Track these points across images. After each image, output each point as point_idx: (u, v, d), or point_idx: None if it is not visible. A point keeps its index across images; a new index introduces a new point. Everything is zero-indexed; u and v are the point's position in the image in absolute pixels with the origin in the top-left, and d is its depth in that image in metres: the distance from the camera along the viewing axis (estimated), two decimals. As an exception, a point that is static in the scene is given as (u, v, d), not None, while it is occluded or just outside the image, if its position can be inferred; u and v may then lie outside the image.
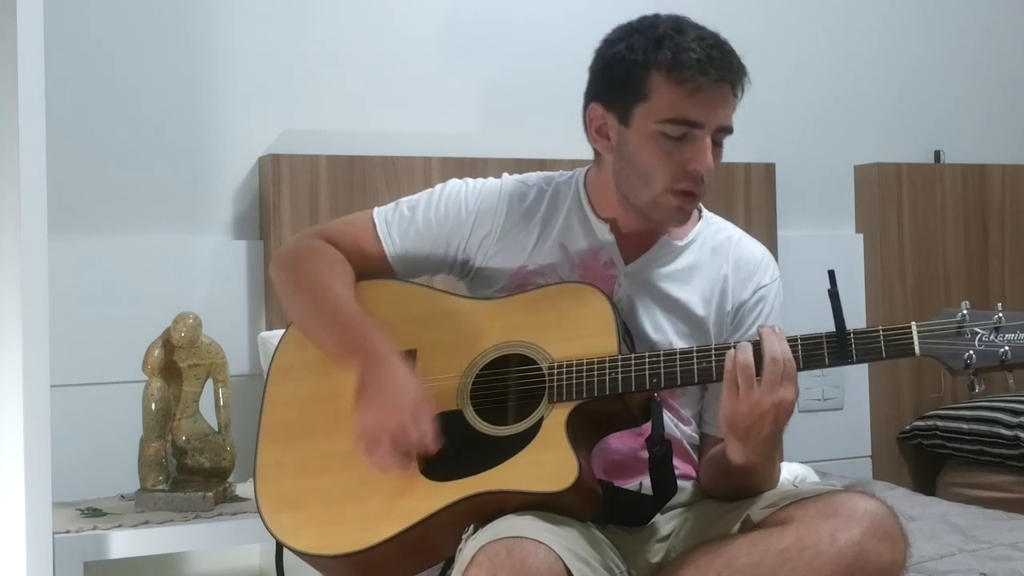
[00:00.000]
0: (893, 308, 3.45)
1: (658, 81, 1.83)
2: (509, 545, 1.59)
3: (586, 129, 1.95)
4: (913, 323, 1.70)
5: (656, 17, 1.90)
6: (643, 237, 1.96)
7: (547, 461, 1.73)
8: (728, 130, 1.89)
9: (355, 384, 1.81)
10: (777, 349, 1.70)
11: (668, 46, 1.84)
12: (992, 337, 1.66)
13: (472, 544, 1.64)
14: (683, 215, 1.91)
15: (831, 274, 1.72)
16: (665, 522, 1.91)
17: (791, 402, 1.70)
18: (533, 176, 2.04)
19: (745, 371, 1.69)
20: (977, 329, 1.67)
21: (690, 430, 1.97)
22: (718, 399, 1.91)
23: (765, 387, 1.68)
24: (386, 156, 2.92)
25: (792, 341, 1.73)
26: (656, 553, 1.86)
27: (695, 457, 1.98)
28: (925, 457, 3.45)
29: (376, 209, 2.03)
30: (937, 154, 3.64)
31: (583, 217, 1.97)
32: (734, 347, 1.72)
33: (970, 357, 1.66)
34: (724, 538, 1.72)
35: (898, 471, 3.45)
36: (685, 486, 1.92)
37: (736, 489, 1.85)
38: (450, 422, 1.82)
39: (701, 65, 1.82)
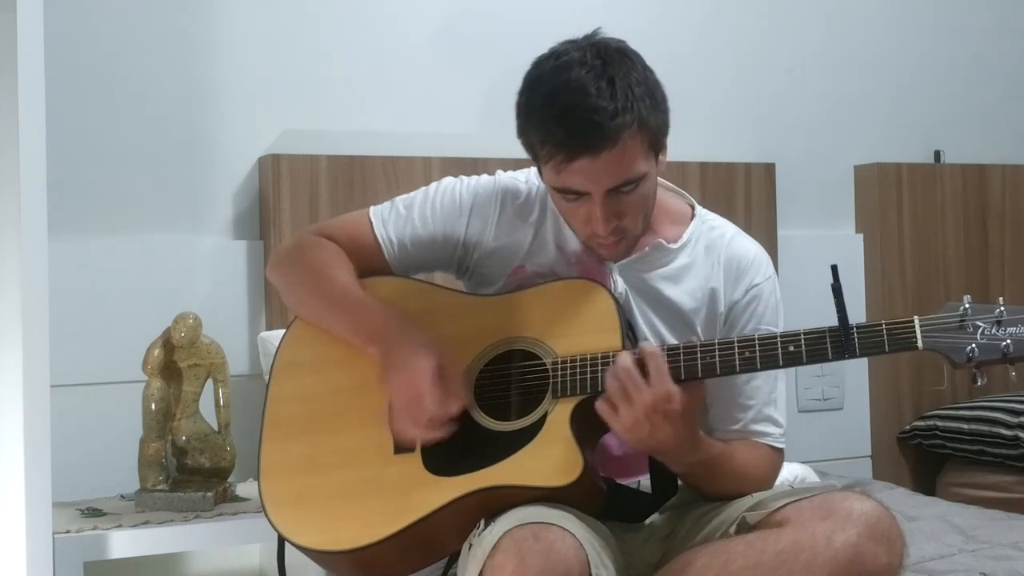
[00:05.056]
0: (893, 308, 3.44)
1: (538, 150, 1.83)
2: (535, 530, 1.60)
3: None
4: (916, 317, 1.70)
5: (545, 67, 1.82)
6: None
7: (552, 456, 1.73)
8: (629, 183, 1.80)
9: (378, 371, 1.83)
10: (613, 371, 1.71)
11: (534, 122, 1.81)
12: (994, 331, 1.67)
13: (494, 531, 1.64)
14: (618, 253, 1.92)
15: (834, 269, 1.72)
16: (662, 521, 1.92)
17: (665, 396, 1.68)
18: (524, 173, 2.04)
19: (614, 386, 1.71)
20: (979, 323, 1.68)
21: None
22: (718, 400, 1.92)
23: (632, 399, 1.70)
24: (386, 156, 2.92)
25: (795, 336, 1.73)
26: (654, 554, 1.86)
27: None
28: (925, 457, 3.45)
29: (372, 208, 2.04)
30: (937, 154, 3.64)
31: None
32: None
33: (972, 351, 1.67)
34: (721, 540, 1.73)
35: (898, 471, 3.45)
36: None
37: (704, 493, 1.90)
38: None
39: (564, 144, 1.76)
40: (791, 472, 2.75)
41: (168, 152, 2.83)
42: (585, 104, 1.75)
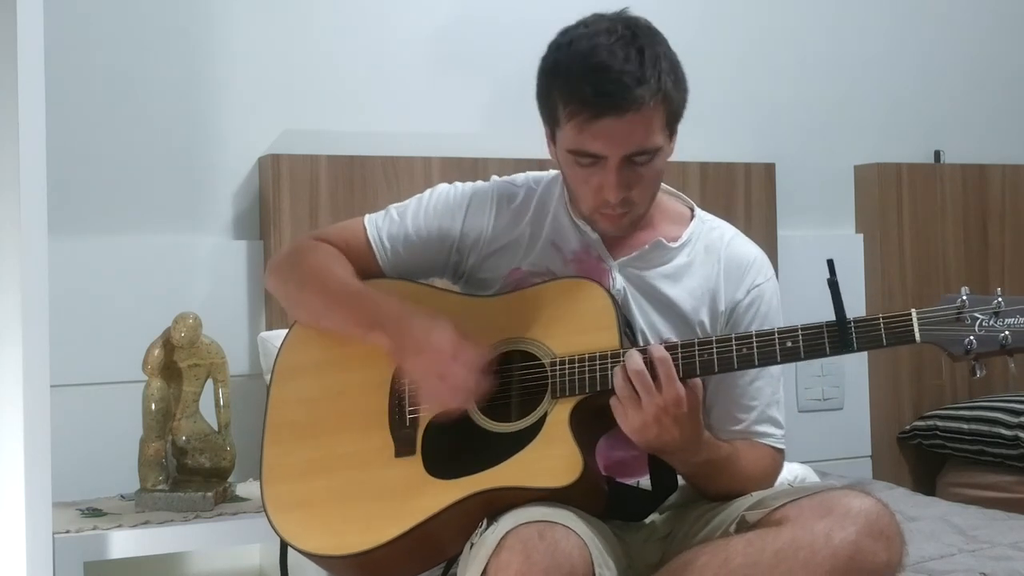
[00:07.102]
0: (893, 308, 3.38)
1: (561, 111, 1.84)
2: (541, 529, 1.61)
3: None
4: (913, 310, 1.70)
5: (575, 32, 1.86)
6: (628, 235, 1.97)
7: (552, 457, 1.74)
8: (645, 152, 1.83)
9: (388, 354, 1.83)
10: (623, 372, 1.71)
11: (560, 79, 1.83)
12: (992, 322, 1.66)
13: (498, 529, 1.64)
14: (622, 227, 1.93)
15: (830, 263, 1.72)
16: (662, 521, 1.92)
17: (675, 401, 1.69)
18: (520, 177, 2.05)
19: (624, 390, 1.71)
20: (977, 314, 1.67)
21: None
22: (720, 400, 1.92)
23: (643, 402, 1.70)
24: (386, 156, 2.92)
25: (793, 331, 1.73)
26: (654, 554, 1.86)
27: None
28: (925, 457, 3.45)
29: (367, 216, 2.04)
30: (937, 154, 3.64)
31: (569, 215, 1.98)
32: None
33: (970, 342, 1.66)
34: (721, 539, 1.73)
35: (898, 471, 3.45)
36: (684, 482, 1.92)
37: (706, 493, 1.89)
38: (454, 419, 1.82)
39: (591, 103, 1.78)
40: (791, 472, 2.75)
41: (168, 152, 2.83)
42: (615, 66, 1.78)
